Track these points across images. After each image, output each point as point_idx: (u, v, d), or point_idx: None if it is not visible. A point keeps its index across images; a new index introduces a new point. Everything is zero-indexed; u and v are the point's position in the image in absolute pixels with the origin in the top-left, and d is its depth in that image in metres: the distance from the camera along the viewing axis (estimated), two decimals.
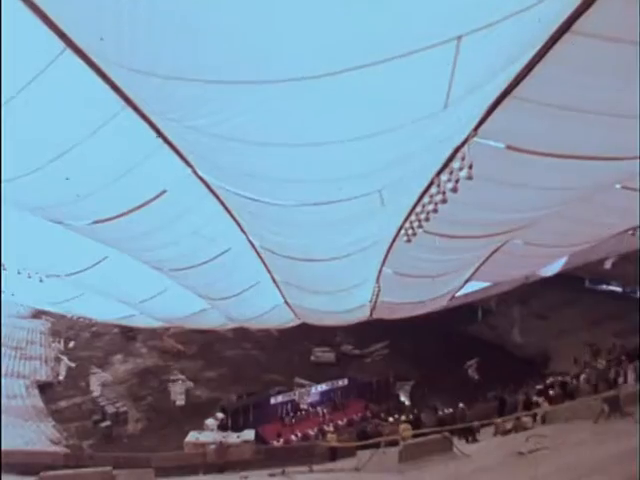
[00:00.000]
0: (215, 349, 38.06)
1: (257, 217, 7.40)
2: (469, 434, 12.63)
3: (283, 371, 32.56)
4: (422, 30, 3.11)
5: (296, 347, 37.84)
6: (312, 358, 34.92)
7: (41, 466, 10.24)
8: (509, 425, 12.06)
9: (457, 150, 5.37)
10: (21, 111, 4.31)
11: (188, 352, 36.35)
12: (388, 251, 9.92)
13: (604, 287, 41.50)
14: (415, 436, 11.33)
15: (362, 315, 17.84)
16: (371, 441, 12.38)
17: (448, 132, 4.95)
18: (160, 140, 5.30)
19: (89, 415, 25.46)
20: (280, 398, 26.55)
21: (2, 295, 13.23)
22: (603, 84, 4.34)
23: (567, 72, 4.22)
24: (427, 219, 6.78)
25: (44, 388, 28.66)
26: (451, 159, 5.55)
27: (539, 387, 19.06)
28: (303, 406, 26.63)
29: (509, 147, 5.41)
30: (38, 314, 45.89)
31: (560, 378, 20.37)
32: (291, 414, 26.13)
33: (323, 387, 28.14)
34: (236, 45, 3.13)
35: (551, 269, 17.37)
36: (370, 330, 39.89)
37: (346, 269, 10.36)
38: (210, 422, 22.92)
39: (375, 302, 14.81)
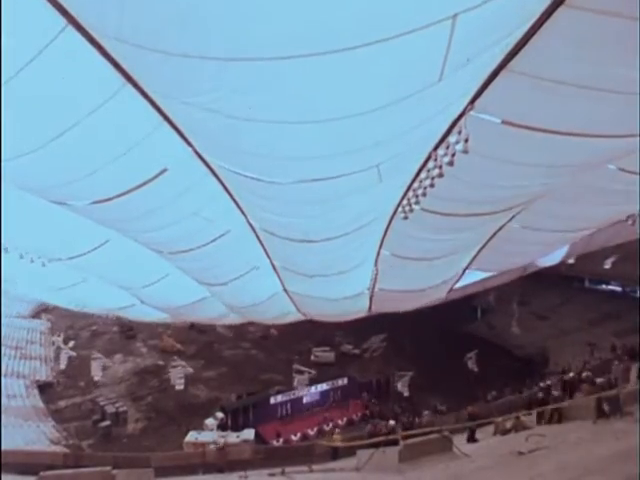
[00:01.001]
0: (214, 349, 38.07)
1: (256, 196, 7.38)
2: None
3: (283, 371, 32.57)
4: (418, 9, 3.16)
5: (296, 347, 37.85)
6: (312, 358, 34.92)
7: (41, 466, 10.24)
8: (509, 424, 12.05)
9: (454, 124, 5.39)
10: (22, 90, 4.28)
11: (188, 352, 36.34)
12: (386, 231, 9.80)
13: (604, 287, 41.54)
14: (415, 436, 11.31)
15: (361, 306, 17.64)
16: (370, 441, 12.37)
17: (443, 105, 4.99)
18: (160, 118, 5.27)
19: (89, 415, 25.48)
20: (280, 398, 26.55)
21: (2, 289, 13.22)
22: (599, 58, 4.33)
23: (562, 46, 4.22)
24: (424, 194, 6.79)
25: (44, 388, 28.67)
26: (448, 133, 5.57)
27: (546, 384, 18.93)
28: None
29: (505, 122, 5.40)
30: (38, 314, 45.96)
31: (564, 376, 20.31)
32: (291, 413, 26.17)
33: (323, 387, 28.14)
34: (236, 22, 3.17)
35: (551, 259, 17.12)
36: (369, 328, 39.96)
37: (344, 249, 10.29)
38: (210, 422, 22.95)
39: (373, 289, 14.64)
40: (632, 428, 9.24)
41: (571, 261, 43.20)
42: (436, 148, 5.93)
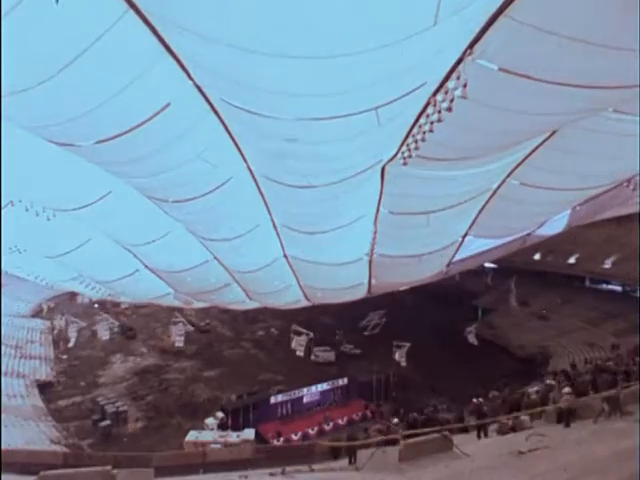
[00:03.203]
0: (215, 349, 38.10)
1: (256, 135, 7.36)
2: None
3: (283, 371, 32.58)
4: None
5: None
6: (312, 358, 34.94)
7: (41, 466, 10.21)
8: (510, 423, 12.03)
9: (453, 70, 5.45)
10: (22, 23, 4.26)
11: (188, 352, 36.35)
12: (383, 178, 9.75)
13: (604, 287, 41.56)
14: (415, 435, 11.31)
15: (361, 279, 17.33)
16: (371, 440, 12.36)
17: (438, 49, 5.06)
18: (162, 49, 5.24)
19: (89, 414, 25.48)
20: (280, 398, 26.55)
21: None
22: (596, 13, 4.41)
23: None
24: (423, 139, 6.85)
25: (44, 387, 28.66)
26: (447, 79, 5.63)
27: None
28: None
29: (502, 69, 5.46)
30: (38, 313, 45.99)
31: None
32: (291, 413, 26.18)
33: (324, 387, 28.14)
34: None
35: (551, 228, 16.74)
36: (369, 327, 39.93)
37: (345, 196, 10.23)
38: (210, 421, 22.96)
39: (372, 254, 14.46)
40: (632, 428, 9.24)
41: (572, 261, 43.33)
42: (435, 94, 5.98)
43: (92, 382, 30.66)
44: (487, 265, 51.66)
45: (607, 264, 39.18)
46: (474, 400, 15.45)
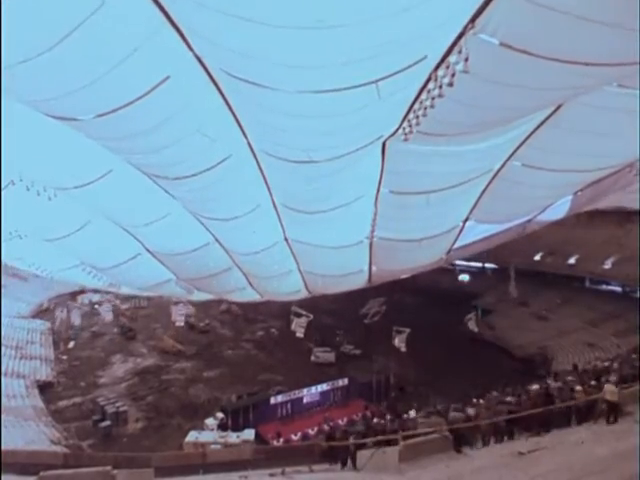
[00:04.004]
0: (215, 349, 38.11)
1: (257, 108, 7.33)
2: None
3: (283, 371, 32.58)
4: None
5: (296, 347, 37.88)
6: (312, 358, 34.93)
7: (41, 466, 10.22)
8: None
9: (454, 44, 5.46)
10: None
11: (188, 352, 36.37)
12: (384, 154, 9.69)
13: (604, 287, 41.56)
14: (415, 436, 11.30)
15: (361, 265, 17.16)
16: (370, 439, 12.35)
17: (439, 22, 5.07)
18: (162, 18, 5.21)
19: (89, 415, 25.47)
20: (280, 398, 26.54)
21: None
22: None
23: None
24: (424, 115, 6.83)
25: (44, 388, 28.67)
26: (448, 53, 5.63)
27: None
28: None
29: (502, 44, 5.47)
30: (38, 313, 45.99)
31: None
32: (291, 413, 26.17)
33: (324, 387, 28.13)
34: None
35: (554, 214, 16.63)
36: (370, 327, 39.89)
37: (346, 172, 10.15)
38: (210, 422, 22.94)
39: (372, 236, 14.32)
40: (632, 428, 9.26)
41: (572, 262, 43.34)
42: (436, 69, 5.97)
43: (92, 383, 30.66)
44: (487, 265, 51.78)
45: (607, 265, 39.19)
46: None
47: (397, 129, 8.16)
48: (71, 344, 38.16)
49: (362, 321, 36.74)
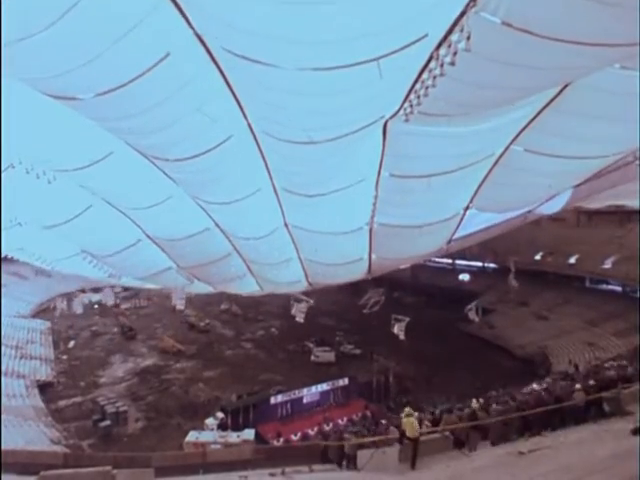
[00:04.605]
0: (215, 349, 38.11)
1: (257, 85, 7.29)
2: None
3: (283, 371, 32.58)
4: None
5: (296, 347, 37.88)
6: (312, 358, 34.93)
7: (41, 466, 10.21)
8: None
9: (456, 22, 5.43)
10: None
11: (188, 352, 36.37)
12: (385, 139, 9.58)
13: (604, 287, 41.55)
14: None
15: (361, 251, 16.99)
16: (371, 439, 12.35)
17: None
18: None
19: (89, 415, 25.47)
20: (280, 398, 26.54)
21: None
22: None
23: None
24: (426, 95, 6.75)
25: (44, 388, 28.66)
26: (450, 32, 5.60)
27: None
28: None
29: (504, 23, 5.44)
30: (38, 313, 45.99)
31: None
32: (291, 413, 26.16)
33: (324, 387, 28.12)
34: None
35: (554, 206, 16.55)
36: (370, 329, 39.86)
37: (345, 156, 10.09)
38: (210, 422, 22.95)
39: (372, 222, 14.22)
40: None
41: (572, 261, 43.31)
42: (438, 48, 5.92)
43: (92, 382, 30.67)
44: (487, 265, 51.78)
45: (607, 264, 39.17)
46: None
47: (398, 109, 8.08)
48: (71, 344, 38.17)
49: (362, 323, 36.80)
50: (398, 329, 28.57)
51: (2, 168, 10.34)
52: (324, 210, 13.46)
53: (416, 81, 6.91)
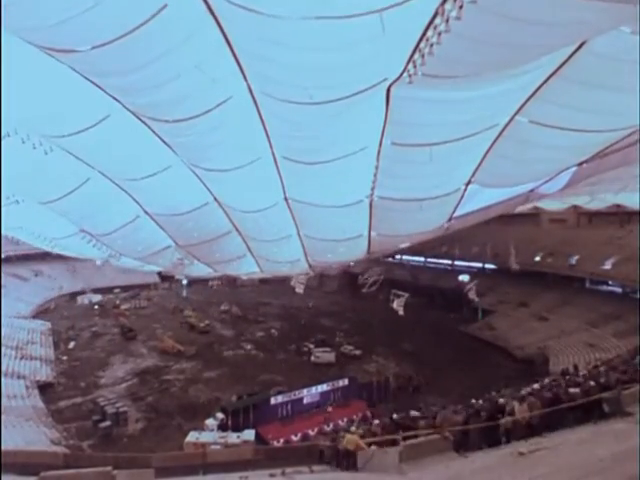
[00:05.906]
0: (215, 349, 38.13)
1: (257, 40, 7.12)
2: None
3: (283, 372, 32.59)
4: None
5: (296, 348, 37.90)
6: (312, 358, 34.95)
7: (41, 466, 10.22)
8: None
9: None
10: None
11: (188, 352, 36.38)
12: (388, 105, 9.28)
13: (604, 288, 41.56)
14: (415, 436, 11.31)
15: (361, 227, 16.73)
16: (373, 439, 12.35)
17: None
18: None
19: (89, 415, 25.48)
20: (280, 398, 26.54)
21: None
22: None
23: None
24: (431, 53, 6.51)
25: (44, 388, 28.68)
26: None
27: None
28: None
29: None
30: (38, 313, 46.03)
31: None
32: (291, 414, 26.16)
33: (324, 387, 28.13)
34: None
35: (554, 186, 16.36)
36: (370, 332, 39.91)
37: (346, 120, 9.79)
38: (210, 422, 22.96)
39: (372, 195, 13.90)
40: (632, 428, 9.25)
41: (572, 262, 43.31)
42: (443, 3, 5.73)
43: (92, 383, 30.68)
44: (487, 266, 51.80)
45: (607, 265, 39.19)
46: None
47: (402, 71, 7.83)
48: (71, 344, 38.21)
49: (362, 324, 36.82)
50: (397, 304, 28.58)
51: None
52: (324, 181, 13.20)
53: (421, 39, 6.65)
